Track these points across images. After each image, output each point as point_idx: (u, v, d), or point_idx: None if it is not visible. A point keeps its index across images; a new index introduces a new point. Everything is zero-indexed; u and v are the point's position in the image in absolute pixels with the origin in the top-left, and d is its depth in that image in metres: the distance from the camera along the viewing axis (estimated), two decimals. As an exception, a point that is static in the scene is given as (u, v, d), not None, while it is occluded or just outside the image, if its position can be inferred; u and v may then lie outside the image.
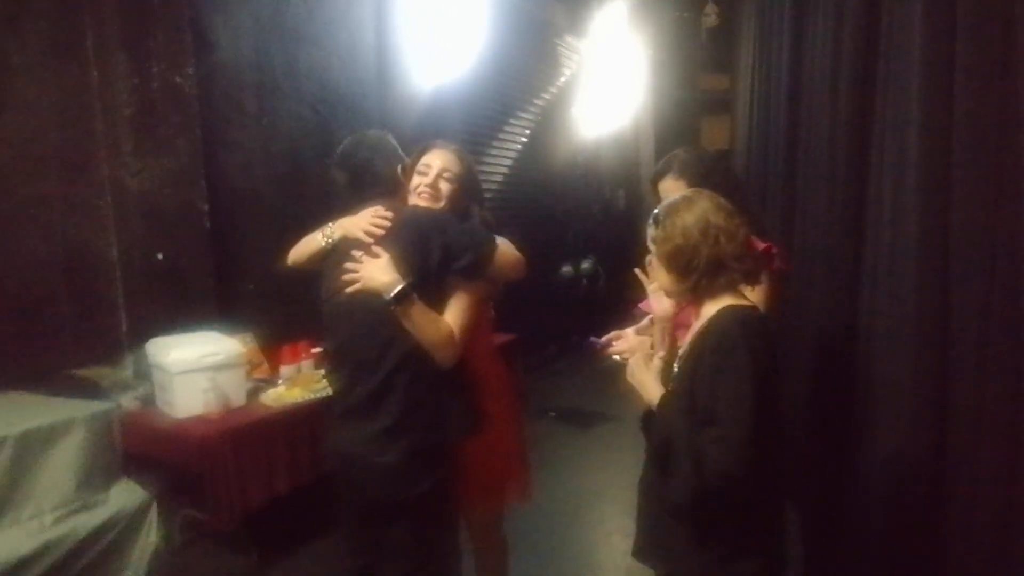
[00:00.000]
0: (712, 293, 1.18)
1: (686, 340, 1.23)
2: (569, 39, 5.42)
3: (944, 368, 1.42)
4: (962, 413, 1.36)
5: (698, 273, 1.15)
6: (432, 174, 1.55)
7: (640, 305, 1.74)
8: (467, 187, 1.61)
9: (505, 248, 1.56)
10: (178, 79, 2.49)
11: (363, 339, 1.40)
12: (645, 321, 1.72)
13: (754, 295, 1.29)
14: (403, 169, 1.55)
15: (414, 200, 1.57)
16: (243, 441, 2.07)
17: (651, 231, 1.23)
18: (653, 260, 1.24)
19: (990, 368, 1.26)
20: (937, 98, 1.40)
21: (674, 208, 1.20)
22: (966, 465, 1.35)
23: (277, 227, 2.59)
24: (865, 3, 1.85)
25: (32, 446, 1.60)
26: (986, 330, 1.27)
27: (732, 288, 1.18)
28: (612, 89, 5.42)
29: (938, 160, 1.41)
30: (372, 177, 1.52)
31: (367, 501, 1.44)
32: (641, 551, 1.30)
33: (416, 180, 1.57)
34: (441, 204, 1.56)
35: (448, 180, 1.56)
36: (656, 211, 1.24)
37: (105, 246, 2.45)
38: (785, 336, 2.47)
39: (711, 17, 5.06)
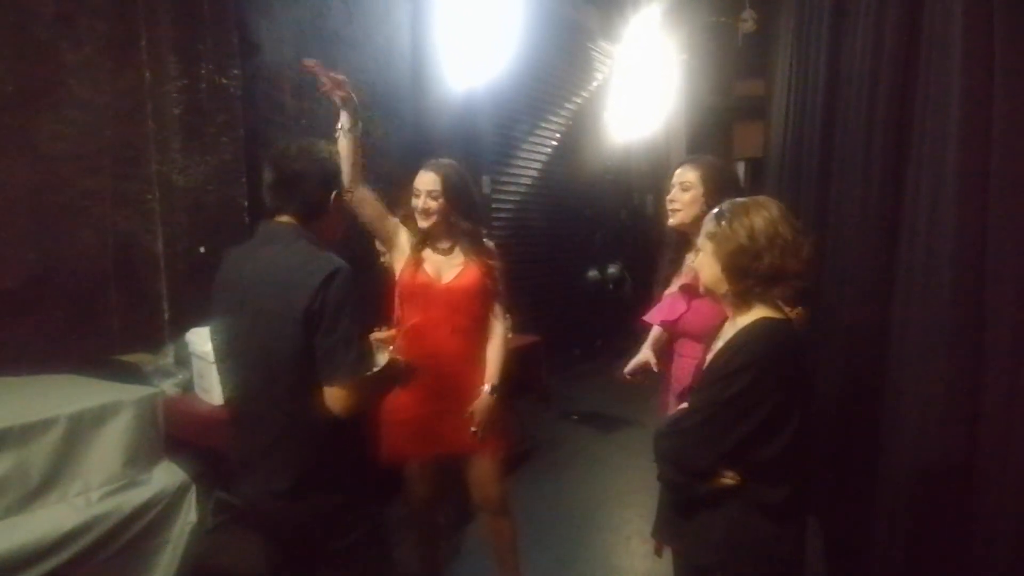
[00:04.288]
0: (754, 303, 1.17)
1: (711, 351, 1.25)
2: (602, 43, 5.43)
3: (976, 381, 1.40)
4: (993, 427, 1.34)
5: (754, 280, 1.14)
6: (421, 196, 1.84)
7: (644, 317, 1.77)
8: (453, 200, 1.85)
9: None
10: (224, 80, 2.60)
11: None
12: (653, 335, 1.77)
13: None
14: (336, 196, 1.41)
15: (417, 219, 1.86)
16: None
17: (710, 226, 1.21)
18: (703, 256, 1.22)
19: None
20: (977, 108, 1.39)
21: (742, 208, 1.16)
22: (996, 480, 1.33)
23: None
24: (906, 9, 1.83)
25: (83, 426, 1.68)
26: (1020, 340, 1.25)
27: (775, 301, 1.17)
28: (644, 94, 5.41)
29: (977, 169, 1.39)
30: (297, 192, 1.36)
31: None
32: (656, 530, 1.34)
33: (413, 202, 1.86)
34: (433, 220, 1.84)
35: (433, 197, 1.84)
36: (720, 208, 1.21)
37: (151, 239, 2.56)
38: (814, 346, 2.44)
39: (748, 23, 5.00)
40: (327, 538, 1.41)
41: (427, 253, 1.91)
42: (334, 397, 1.29)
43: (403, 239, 1.95)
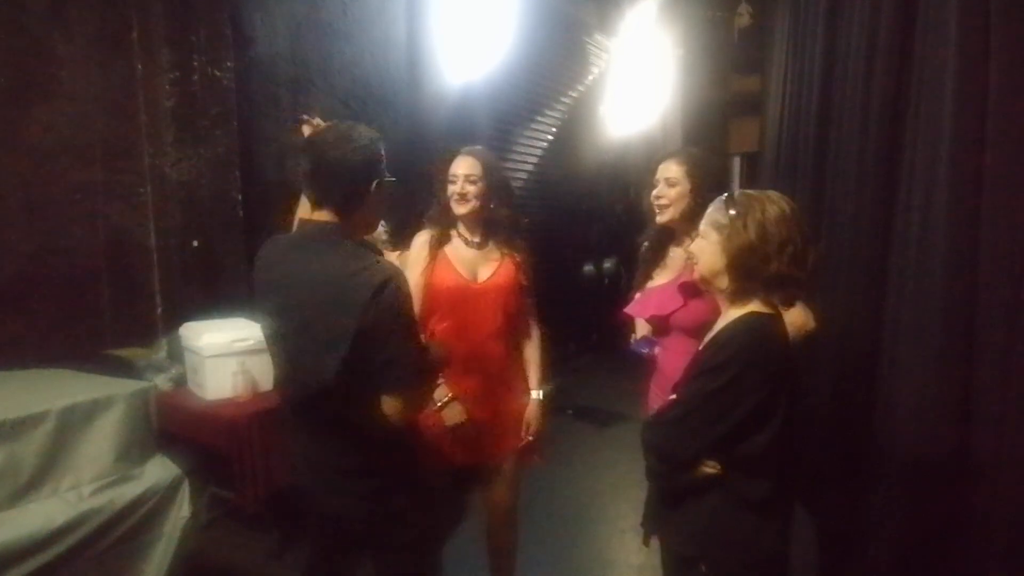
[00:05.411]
0: (750, 300, 1.16)
1: (704, 343, 1.25)
2: (599, 37, 5.41)
3: (968, 376, 1.41)
4: (984, 422, 1.35)
5: (758, 283, 1.13)
6: (459, 182, 1.76)
7: (626, 310, 1.76)
8: (492, 184, 1.78)
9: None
10: (217, 73, 2.58)
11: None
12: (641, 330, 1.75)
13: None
14: (377, 185, 1.29)
15: (453, 207, 1.77)
16: (269, 424, 2.14)
17: (719, 216, 1.16)
18: (706, 245, 1.18)
19: (1015, 377, 1.25)
20: (972, 103, 1.39)
21: (757, 202, 1.13)
22: (987, 474, 1.34)
23: (307, 218, 2.66)
24: (901, 3, 1.83)
25: (74, 420, 1.67)
26: (1012, 337, 1.26)
27: (771, 300, 1.16)
28: (640, 89, 5.40)
29: (970, 165, 1.39)
30: (337, 182, 1.26)
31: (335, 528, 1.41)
32: (645, 520, 1.35)
33: (449, 190, 1.77)
34: (471, 205, 1.76)
35: (472, 182, 1.76)
36: (732, 197, 1.16)
37: (144, 233, 2.55)
38: (807, 342, 2.45)
39: (744, 17, 4.98)
40: (376, 540, 1.38)
41: (456, 250, 1.79)
42: (393, 407, 1.25)
43: (416, 248, 1.81)
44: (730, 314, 1.18)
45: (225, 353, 2.20)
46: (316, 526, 1.49)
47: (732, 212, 1.15)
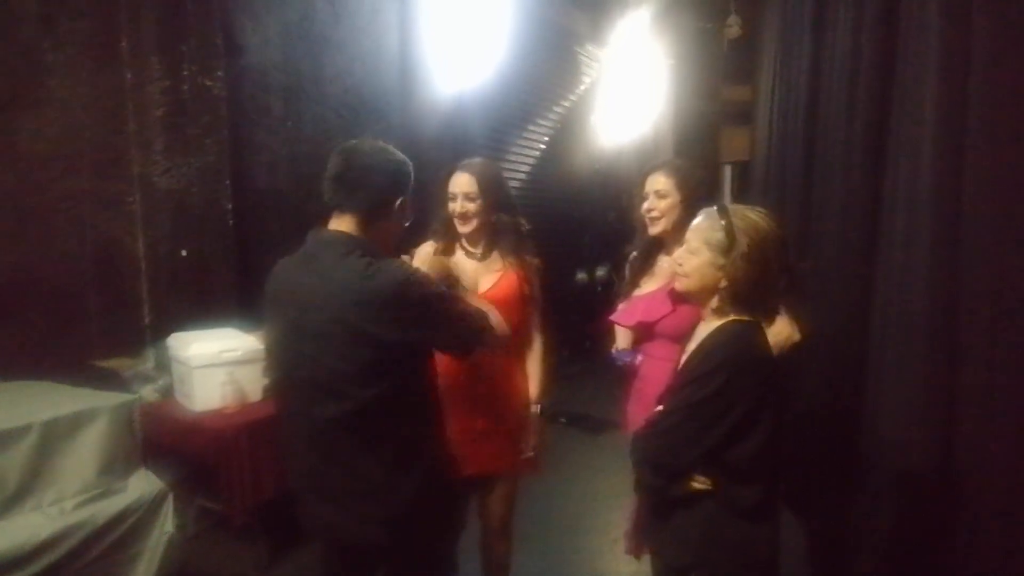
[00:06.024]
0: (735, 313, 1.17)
1: (685, 354, 1.25)
2: (590, 47, 5.45)
3: (952, 383, 1.42)
4: (969, 428, 1.36)
5: (759, 311, 1.15)
6: (458, 200, 1.73)
7: (612, 317, 1.77)
8: (491, 198, 1.76)
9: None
10: (208, 82, 2.57)
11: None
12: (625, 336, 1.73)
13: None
14: (401, 204, 1.30)
15: (456, 225, 1.75)
16: (258, 435, 2.12)
17: (710, 230, 1.15)
18: (696, 261, 1.17)
19: (1001, 381, 1.26)
20: (951, 113, 1.41)
21: (752, 226, 1.13)
22: (973, 480, 1.35)
23: (299, 227, 2.63)
24: (883, 14, 1.86)
25: (57, 434, 1.66)
26: (995, 342, 1.27)
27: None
28: (632, 98, 5.44)
29: (953, 169, 1.41)
30: (364, 187, 1.24)
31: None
32: (634, 531, 1.34)
33: (450, 207, 1.75)
34: (473, 224, 1.74)
35: (471, 199, 1.73)
36: (726, 215, 1.15)
37: (132, 242, 2.53)
38: (793, 351, 2.46)
39: (733, 28, 5.04)
40: (394, 567, 1.33)
41: (457, 262, 1.79)
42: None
43: (419, 260, 1.77)
44: (711, 323, 1.19)
45: (213, 363, 2.18)
46: (326, 550, 1.42)
47: (724, 222, 1.15)
